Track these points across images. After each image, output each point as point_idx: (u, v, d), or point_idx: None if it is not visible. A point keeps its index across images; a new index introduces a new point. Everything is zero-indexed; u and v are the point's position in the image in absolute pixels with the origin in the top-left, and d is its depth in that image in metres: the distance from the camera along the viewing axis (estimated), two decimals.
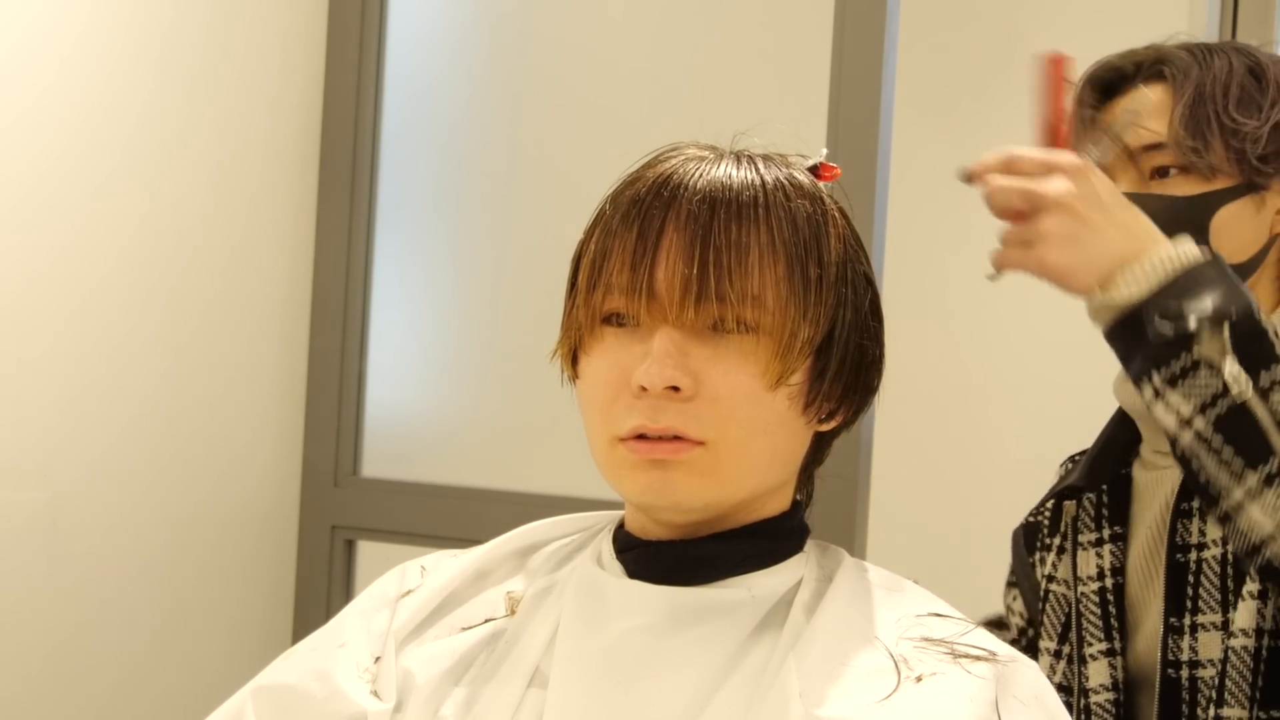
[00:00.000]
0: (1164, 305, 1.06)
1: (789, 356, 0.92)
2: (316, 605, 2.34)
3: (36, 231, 1.89)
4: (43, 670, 1.94)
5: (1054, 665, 1.32)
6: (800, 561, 0.99)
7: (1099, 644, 1.27)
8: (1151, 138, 1.24)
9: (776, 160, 0.98)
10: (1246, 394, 1.03)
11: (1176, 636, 1.21)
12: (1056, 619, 1.34)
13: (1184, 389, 1.05)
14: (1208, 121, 1.22)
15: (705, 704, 0.90)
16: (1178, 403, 1.05)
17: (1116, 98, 1.28)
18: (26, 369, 1.89)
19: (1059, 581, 1.34)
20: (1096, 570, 1.30)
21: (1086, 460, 1.35)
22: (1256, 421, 1.04)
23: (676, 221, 0.93)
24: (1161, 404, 1.06)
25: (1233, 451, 1.05)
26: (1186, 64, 1.25)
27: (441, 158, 2.41)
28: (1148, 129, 1.24)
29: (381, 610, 1.04)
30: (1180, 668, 1.20)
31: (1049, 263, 1.09)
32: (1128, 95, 1.27)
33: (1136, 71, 1.28)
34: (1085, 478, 1.33)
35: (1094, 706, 1.26)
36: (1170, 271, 1.07)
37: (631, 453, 0.92)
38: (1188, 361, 1.04)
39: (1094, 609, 1.28)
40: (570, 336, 0.98)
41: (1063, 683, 1.31)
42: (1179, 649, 1.20)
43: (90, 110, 1.96)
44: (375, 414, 2.39)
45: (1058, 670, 1.32)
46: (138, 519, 2.07)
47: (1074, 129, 1.23)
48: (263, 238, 2.29)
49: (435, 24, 2.44)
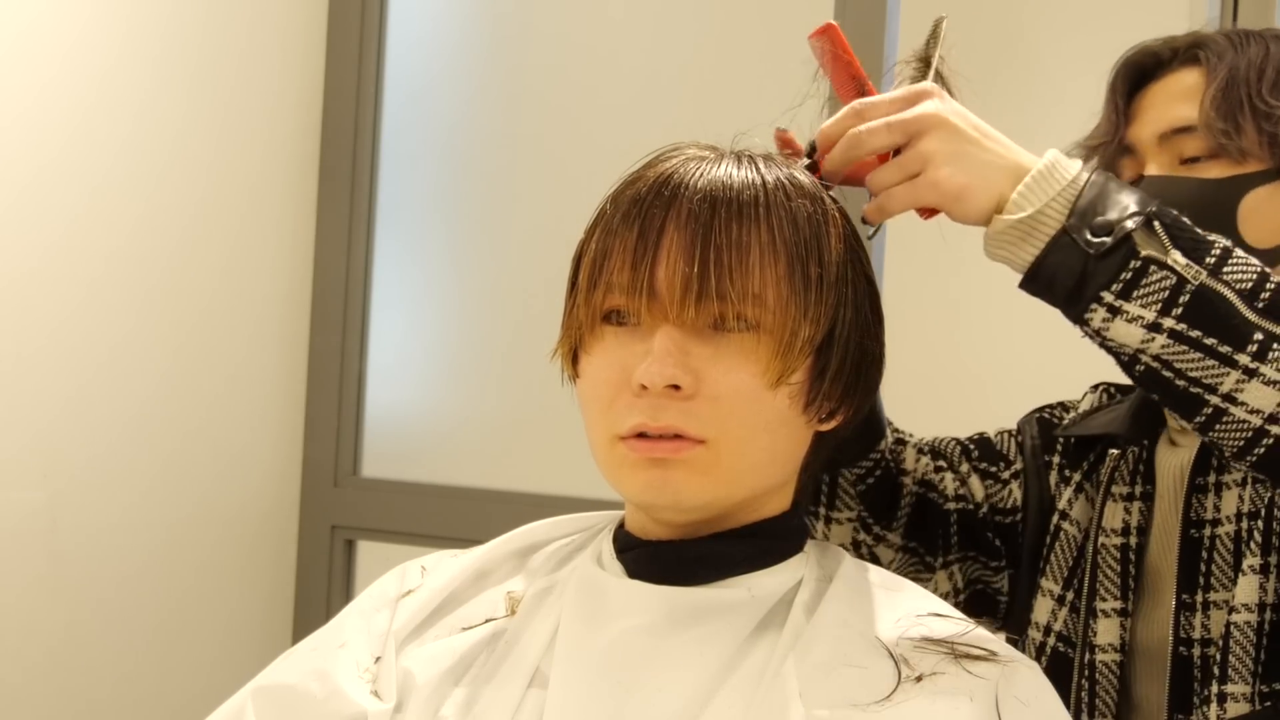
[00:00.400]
0: (1089, 220, 1.02)
1: (789, 355, 0.92)
2: (316, 605, 2.34)
3: (36, 231, 1.89)
4: (42, 669, 1.93)
5: (1055, 611, 1.28)
6: (800, 561, 0.99)
7: (1113, 601, 1.24)
8: (1182, 121, 1.22)
9: (777, 160, 0.98)
10: (1203, 277, 1.01)
11: (1189, 614, 1.18)
12: (1064, 560, 1.29)
13: (1141, 295, 1.01)
14: (1240, 105, 1.20)
15: (705, 704, 0.90)
16: (1139, 311, 1.01)
17: (1150, 84, 1.27)
18: (26, 368, 1.89)
19: (1072, 522, 1.30)
20: (1122, 525, 1.26)
21: (1131, 410, 1.30)
22: (1225, 299, 1.01)
23: (677, 220, 0.93)
24: (1121, 320, 1.02)
25: (1216, 338, 1.01)
26: (1222, 48, 1.23)
27: (441, 158, 2.41)
28: (1178, 116, 1.23)
29: (382, 610, 1.04)
30: (1192, 645, 1.18)
31: (942, 183, 1.03)
32: (1161, 81, 1.26)
33: (1173, 56, 1.26)
34: (1130, 429, 1.28)
35: (1099, 665, 1.23)
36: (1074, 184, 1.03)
37: (632, 451, 0.92)
38: (1136, 265, 1.01)
39: (1113, 564, 1.25)
40: (570, 336, 0.98)
41: (1063, 632, 1.27)
42: (1190, 626, 1.18)
43: (90, 110, 1.96)
44: (375, 414, 2.39)
45: (1059, 617, 1.28)
46: (137, 518, 2.07)
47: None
48: (263, 238, 2.29)
49: (435, 24, 2.44)
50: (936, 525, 1.34)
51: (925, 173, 1.04)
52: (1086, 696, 1.23)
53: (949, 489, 1.34)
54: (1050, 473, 1.34)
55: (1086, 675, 1.23)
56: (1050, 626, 1.28)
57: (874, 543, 1.33)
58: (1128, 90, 1.28)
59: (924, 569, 1.35)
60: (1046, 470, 1.35)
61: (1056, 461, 1.35)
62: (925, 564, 1.35)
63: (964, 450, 1.37)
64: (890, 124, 1.04)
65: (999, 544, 1.34)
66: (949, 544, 1.34)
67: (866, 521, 1.32)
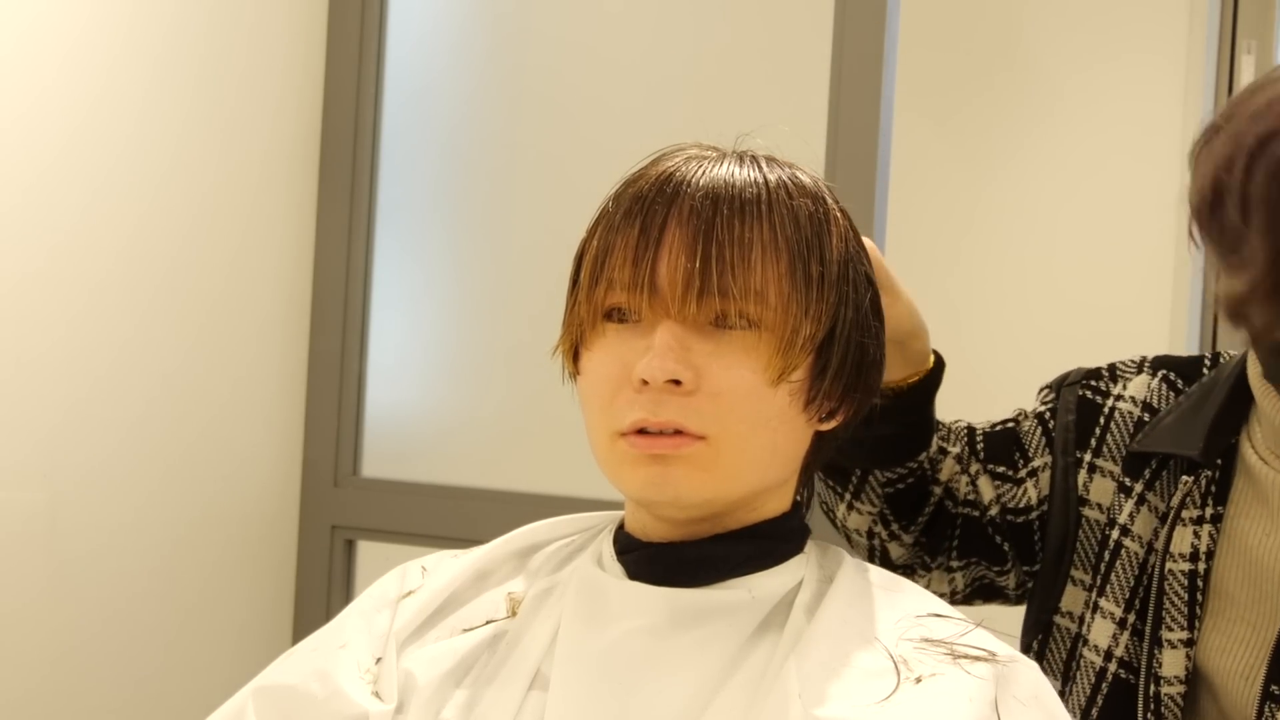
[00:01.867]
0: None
1: (790, 353, 0.92)
2: (316, 605, 2.34)
3: (37, 231, 1.89)
4: (43, 670, 1.94)
5: (1116, 635, 1.21)
6: (801, 562, 0.99)
7: (1179, 631, 1.17)
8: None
9: (779, 160, 0.98)
10: None
11: (1274, 706, 1.12)
12: (1125, 581, 1.22)
13: None
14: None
15: (706, 705, 0.90)
16: None
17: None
18: (27, 369, 1.89)
19: (1134, 538, 1.22)
20: (1191, 549, 1.18)
21: (1206, 425, 1.21)
22: None
23: (679, 217, 0.93)
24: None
25: None
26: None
27: (441, 158, 2.41)
28: None
29: (382, 611, 1.04)
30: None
31: None
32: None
33: None
34: (1205, 453, 1.19)
35: (1164, 698, 1.17)
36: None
37: (632, 448, 0.93)
38: None
39: (1181, 592, 1.18)
40: (572, 332, 0.98)
41: (1124, 658, 1.20)
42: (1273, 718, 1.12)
43: (90, 110, 1.96)
44: (375, 414, 2.39)
45: (1120, 642, 1.21)
46: (138, 519, 2.07)
47: None
48: (263, 238, 2.29)
49: (435, 24, 2.44)
50: (945, 528, 1.31)
51: None
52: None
53: (961, 492, 1.30)
54: (1080, 470, 1.28)
55: (1153, 710, 1.18)
56: (1111, 652, 1.21)
57: (889, 539, 1.30)
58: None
59: (920, 567, 1.32)
60: (1076, 467, 1.28)
61: (1088, 460, 1.27)
62: (923, 563, 1.32)
63: (972, 449, 1.32)
64: None
65: (1006, 547, 1.30)
66: (950, 548, 1.31)
67: (887, 518, 1.30)
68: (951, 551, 1.31)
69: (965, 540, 1.31)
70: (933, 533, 1.31)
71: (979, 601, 1.35)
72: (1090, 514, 1.27)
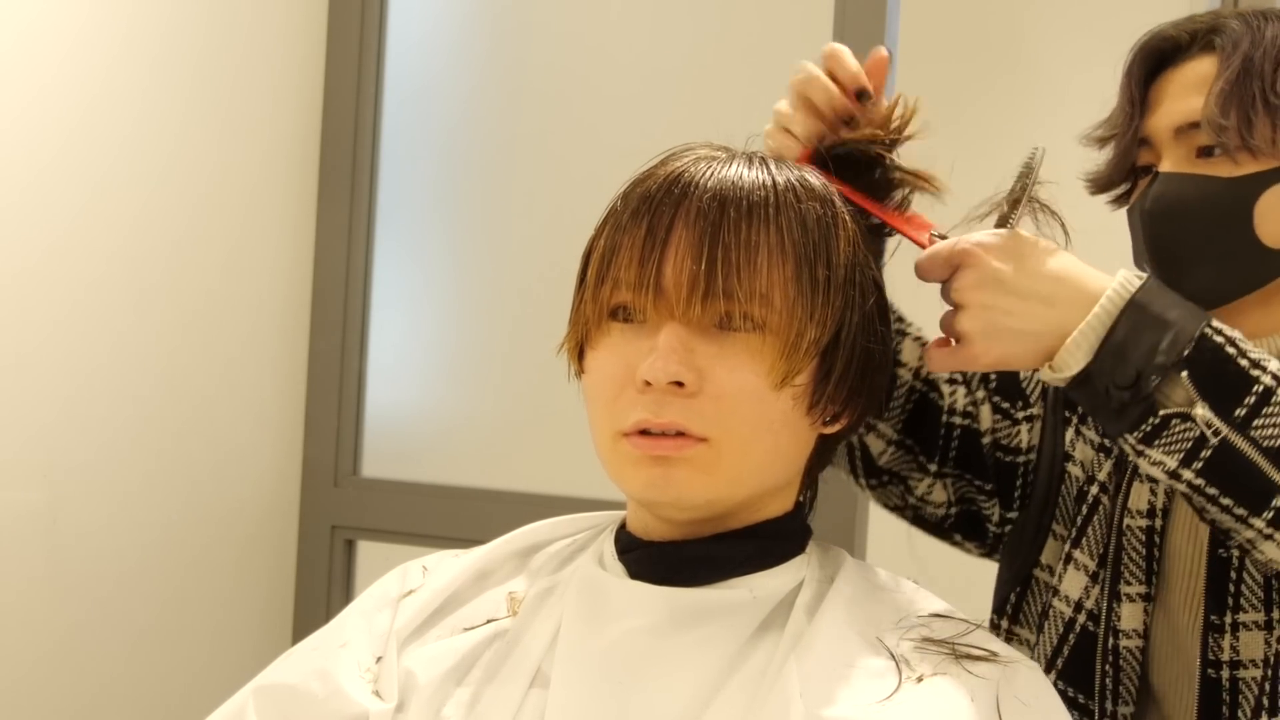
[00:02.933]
0: (1113, 371, 1.00)
1: (795, 356, 0.92)
2: (316, 605, 2.34)
3: (36, 231, 1.89)
4: (42, 669, 1.93)
5: (1088, 588, 1.22)
6: (802, 562, 0.99)
7: (1137, 585, 1.19)
8: (1196, 114, 1.14)
9: (788, 163, 0.98)
10: (1226, 433, 0.98)
11: (1217, 635, 1.15)
12: (1100, 536, 1.23)
13: (1162, 444, 1.00)
14: (1252, 99, 1.12)
15: (706, 705, 0.90)
16: (1161, 458, 1.01)
17: (1168, 70, 1.19)
18: (27, 368, 1.89)
19: (1110, 494, 1.24)
20: (1148, 506, 1.20)
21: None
22: (1246, 459, 0.99)
23: (686, 218, 0.93)
24: (1144, 460, 1.02)
25: (1232, 499, 1.00)
26: (1239, 34, 1.15)
27: (441, 158, 2.41)
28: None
29: (383, 610, 1.04)
30: (1220, 667, 1.14)
31: (981, 360, 1.03)
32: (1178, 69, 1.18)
33: (1190, 42, 1.18)
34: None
35: (1123, 650, 1.19)
36: (1103, 327, 1.00)
37: (634, 448, 0.92)
38: (1157, 420, 1.00)
39: (1138, 547, 1.20)
40: (577, 331, 0.98)
41: (1093, 610, 1.21)
42: (1219, 648, 1.15)
43: (89, 110, 1.96)
44: (375, 414, 2.39)
45: (1091, 595, 1.22)
46: (138, 518, 2.07)
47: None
48: (263, 238, 2.29)
49: (435, 24, 2.44)
50: (936, 430, 1.30)
51: (964, 349, 1.04)
52: (1110, 683, 1.20)
53: (958, 403, 1.30)
54: (1068, 429, 1.29)
55: (1110, 660, 1.20)
56: (1082, 604, 1.23)
57: (864, 430, 1.28)
58: (1144, 78, 1.20)
59: (917, 469, 1.31)
60: (1064, 425, 1.29)
61: (1076, 421, 1.29)
62: (919, 464, 1.30)
63: (983, 376, 1.32)
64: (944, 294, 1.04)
65: (994, 474, 1.30)
66: (947, 455, 1.30)
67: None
68: (947, 459, 1.30)
69: (961, 450, 1.30)
70: (923, 431, 1.30)
71: (959, 536, 1.34)
72: (1073, 470, 1.28)
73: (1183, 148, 1.17)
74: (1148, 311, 1.01)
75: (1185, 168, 1.16)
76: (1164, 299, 1.02)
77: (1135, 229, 1.21)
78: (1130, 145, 1.21)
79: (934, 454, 1.30)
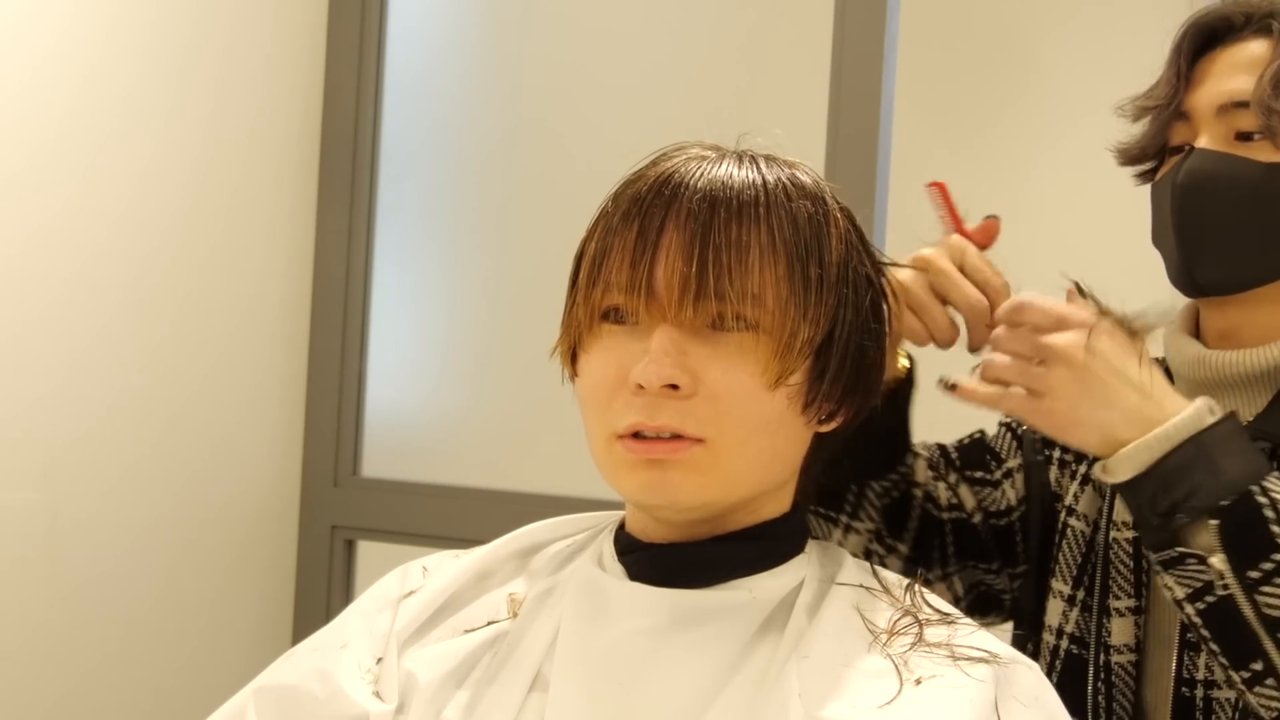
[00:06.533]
0: (1153, 496, 1.03)
1: (788, 356, 0.92)
2: (316, 605, 2.34)
3: (35, 230, 1.89)
4: (41, 669, 1.93)
5: (1066, 612, 1.24)
6: (801, 563, 0.99)
7: (1126, 599, 1.19)
8: (1242, 94, 1.14)
9: (779, 160, 0.97)
10: (1234, 589, 1.01)
11: (1193, 653, 1.15)
12: (1072, 559, 1.24)
13: (1176, 574, 1.04)
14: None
15: (707, 706, 0.90)
16: (1171, 584, 1.04)
17: (1216, 49, 1.18)
18: (27, 369, 1.89)
19: (1079, 516, 1.25)
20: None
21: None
22: (1244, 619, 1.01)
23: (677, 220, 0.93)
24: (1160, 579, 1.06)
25: (1219, 647, 1.03)
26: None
27: (441, 157, 2.41)
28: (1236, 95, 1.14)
29: (383, 611, 1.04)
30: (1195, 686, 1.14)
31: (1056, 416, 1.06)
32: (1228, 48, 1.17)
33: (1245, 23, 1.17)
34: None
35: (1115, 666, 1.19)
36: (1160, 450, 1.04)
37: (629, 451, 0.92)
38: (1174, 554, 1.03)
39: (1126, 560, 1.20)
40: (570, 334, 0.97)
41: (1075, 633, 1.23)
42: (1194, 666, 1.14)
43: (88, 109, 1.96)
44: (375, 414, 2.39)
45: (1070, 618, 1.23)
46: (137, 518, 2.07)
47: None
48: (262, 238, 2.29)
49: (435, 24, 2.44)
50: (934, 537, 1.32)
51: (1045, 399, 1.06)
52: (1104, 700, 1.19)
53: (942, 498, 1.32)
54: (1050, 466, 1.30)
55: (1103, 678, 1.19)
56: (1062, 629, 1.24)
57: (885, 553, 1.31)
58: (1193, 53, 1.19)
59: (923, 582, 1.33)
60: (1046, 465, 1.31)
61: (1058, 456, 1.31)
62: (928, 580, 1.31)
63: (948, 460, 1.34)
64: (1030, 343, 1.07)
65: (994, 547, 1.31)
66: (945, 555, 1.32)
67: (881, 534, 1.30)
68: (948, 559, 1.32)
69: (959, 543, 1.32)
70: (924, 542, 1.32)
71: (977, 615, 1.35)
72: (1060, 508, 1.29)
73: (1222, 126, 1.16)
74: (1206, 452, 1.03)
75: (1223, 147, 1.16)
76: (1231, 444, 1.04)
77: (1162, 203, 1.21)
78: (1170, 119, 1.20)
79: (933, 562, 1.32)
